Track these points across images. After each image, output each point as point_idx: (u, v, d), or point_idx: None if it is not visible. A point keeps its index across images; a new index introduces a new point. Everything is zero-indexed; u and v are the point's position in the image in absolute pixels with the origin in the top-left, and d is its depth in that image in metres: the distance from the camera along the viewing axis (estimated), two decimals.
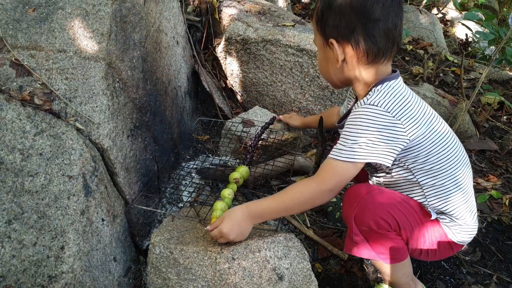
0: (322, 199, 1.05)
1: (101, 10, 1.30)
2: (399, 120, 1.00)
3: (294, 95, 2.14)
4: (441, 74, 3.02)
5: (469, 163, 1.20)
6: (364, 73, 1.07)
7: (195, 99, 2.22)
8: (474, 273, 1.46)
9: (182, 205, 1.57)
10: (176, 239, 1.22)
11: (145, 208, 1.39)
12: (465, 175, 1.16)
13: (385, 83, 1.05)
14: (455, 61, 3.22)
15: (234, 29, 2.10)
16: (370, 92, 1.06)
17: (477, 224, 1.21)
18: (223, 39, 2.16)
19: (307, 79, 2.07)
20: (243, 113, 2.06)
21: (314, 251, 1.51)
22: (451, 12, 4.95)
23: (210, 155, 1.96)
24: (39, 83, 1.19)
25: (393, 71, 1.11)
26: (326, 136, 1.54)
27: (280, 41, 2.00)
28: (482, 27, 4.60)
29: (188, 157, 1.96)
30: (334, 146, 1.07)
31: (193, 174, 1.70)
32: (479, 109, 2.59)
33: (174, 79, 1.84)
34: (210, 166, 1.72)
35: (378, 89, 1.05)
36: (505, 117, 2.61)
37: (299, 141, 1.94)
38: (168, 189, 1.62)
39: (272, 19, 2.24)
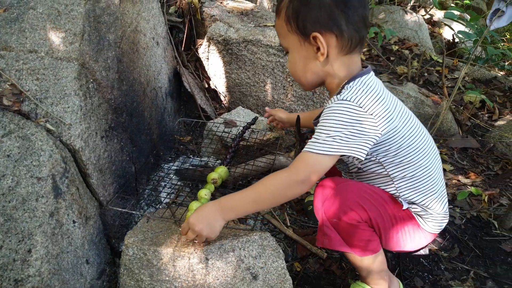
0: (294, 191, 1.04)
1: (74, 10, 1.29)
2: (371, 114, 1.01)
3: (277, 95, 2.14)
4: (425, 74, 3.03)
5: (439, 154, 1.22)
6: (342, 65, 1.09)
7: (177, 100, 2.21)
8: (452, 269, 1.47)
9: (160, 207, 1.56)
10: (150, 240, 1.21)
11: (121, 209, 1.38)
12: (435, 166, 1.18)
13: (357, 79, 1.07)
14: (440, 60, 3.24)
15: (216, 30, 2.09)
16: (343, 89, 1.07)
17: (448, 213, 1.23)
18: (205, 40, 2.15)
19: (289, 79, 2.07)
20: (226, 113, 2.05)
21: (293, 250, 1.50)
22: (439, 13, 4.98)
23: (191, 156, 1.95)
24: (8, 84, 1.18)
25: (365, 67, 1.13)
26: (304, 135, 1.53)
27: (261, 41, 2.00)
28: (467, 28, 4.65)
29: (169, 158, 1.95)
30: (309, 140, 1.06)
31: (172, 175, 1.69)
32: (461, 108, 2.60)
33: (153, 80, 1.83)
34: (190, 167, 1.71)
35: (350, 86, 1.06)
36: (486, 115, 2.63)
37: (280, 141, 1.93)
38: (147, 190, 1.61)
39: (255, 20, 2.24)
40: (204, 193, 1.39)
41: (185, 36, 2.22)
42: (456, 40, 4.10)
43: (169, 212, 1.36)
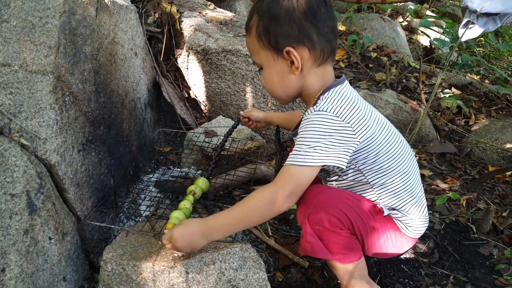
0: (281, 206, 1.04)
1: (49, 23, 1.27)
2: (348, 123, 1.03)
3: (257, 104, 2.14)
4: (404, 80, 3.08)
5: (416, 160, 1.25)
6: (316, 77, 1.11)
7: (157, 110, 2.19)
8: (432, 274, 1.48)
9: (140, 220, 1.54)
10: (129, 254, 1.19)
11: (99, 224, 1.36)
12: (412, 172, 1.20)
13: (331, 90, 1.09)
14: (417, 67, 3.30)
15: (195, 40, 2.09)
16: (319, 100, 1.08)
17: (428, 218, 1.26)
18: (184, 50, 2.15)
19: None
20: (206, 123, 2.05)
21: (275, 260, 1.50)
22: (416, 20, 5.09)
23: (171, 167, 1.93)
24: None
25: (339, 76, 1.15)
26: (284, 144, 1.54)
27: (240, 51, 2.01)
28: (444, 34, 4.77)
29: (149, 169, 1.93)
30: (290, 153, 1.07)
31: (152, 187, 1.67)
32: (439, 113, 2.65)
33: (132, 91, 1.82)
34: (170, 179, 1.70)
35: (325, 97, 1.08)
36: (463, 120, 2.69)
37: (261, 150, 1.93)
38: (126, 203, 1.59)
39: (234, 29, 2.24)
40: (184, 204, 1.37)
41: (164, 46, 2.21)
42: (433, 46, 4.19)
43: (148, 225, 1.35)
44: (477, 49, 4.87)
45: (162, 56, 2.21)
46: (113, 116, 1.58)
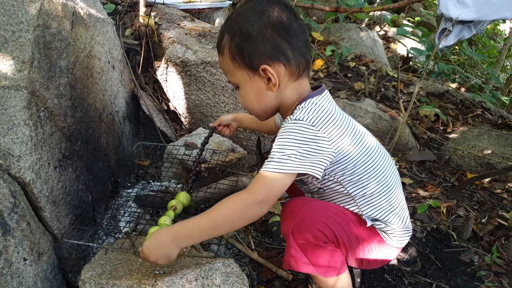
0: (253, 212, 1.02)
1: (22, 37, 1.24)
2: (324, 133, 1.03)
3: (229, 134, 2.13)
4: (382, 89, 3.13)
5: (396, 169, 1.25)
6: (292, 90, 1.11)
7: (136, 123, 2.16)
8: (415, 283, 1.49)
9: (119, 236, 1.50)
10: (108, 273, 1.16)
11: (77, 242, 1.32)
12: (393, 182, 1.21)
13: (308, 100, 1.08)
14: (395, 75, 3.36)
15: (173, 52, 2.07)
16: (296, 110, 1.08)
17: (411, 226, 1.26)
18: (163, 62, 2.13)
19: None
20: (186, 135, 2.03)
21: (259, 274, 1.48)
22: (393, 29, 5.19)
23: (151, 180, 1.90)
24: None
25: (318, 87, 1.15)
26: (266, 155, 1.53)
27: None
28: (420, 43, 4.89)
29: (129, 184, 1.90)
30: (266, 160, 1.06)
31: (131, 202, 1.64)
32: (417, 122, 2.69)
33: (110, 104, 1.79)
34: (149, 193, 1.67)
35: (302, 106, 1.07)
36: (441, 128, 2.73)
37: (243, 161, 1.92)
38: (105, 219, 1.55)
39: (213, 41, 2.24)
40: (164, 219, 1.35)
41: (142, 58, 2.19)
42: (410, 55, 4.28)
43: (128, 242, 1.31)
44: (452, 57, 4.99)
45: (140, 69, 2.19)
46: (90, 131, 1.54)
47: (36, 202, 1.18)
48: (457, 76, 4.03)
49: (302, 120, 1.02)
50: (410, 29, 4.10)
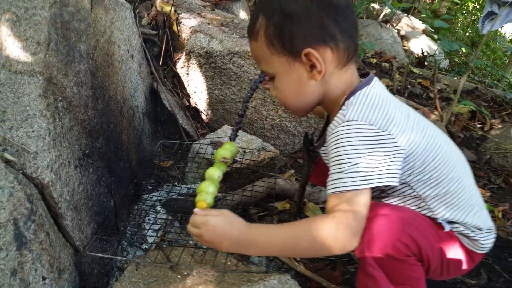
0: (345, 247, 0.84)
1: (36, 15, 1.05)
2: (386, 130, 0.86)
3: (266, 112, 1.95)
4: (409, 86, 2.95)
5: (466, 161, 1.07)
6: (339, 80, 0.94)
7: (154, 121, 1.97)
8: None
9: (146, 247, 1.31)
10: None
11: (101, 255, 1.12)
12: (466, 177, 1.03)
13: (358, 93, 0.91)
14: (420, 73, 3.18)
15: (196, 42, 1.89)
16: (344, 107, 0.91)
17: (493, 225, 1.07)
18: (184, 54, 1.94)
19: None
20: (211, 133, 1.84)
21: None
22: (406, 27, 5.03)
23: (176, 183, 1.71)
24: None
25: (365, 74, 0.98)
26: (314, 155, 1.34)
27: (249, 52, 1.81)
28: (435, 42, 4.74)
29: (149, 187, 1.70)
30: (328, 180, 0.89)
31: (158, 208, 1.44)
32: (453, 119, 2.51)
33: (130, 98, 1.60)
34: (178, 197, 1.48)
35: (351, 102, 0.90)
36: (478, 125, 2.56)
37: (277, 161, 1.73)
38: (129, 228, 1.35)
39: (237, 31, 2.06)
40: (216, 173, 1.03)
41: (163, 49, 2.00)
42: (425, 53, 4.13)
43: (161, 255, 1.12)
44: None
45: (161, 60, 2.00)
46: (111, 126, 1.35)
47: (55, 208, 0.98)
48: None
49: (357, 121, 0.86)
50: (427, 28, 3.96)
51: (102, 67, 1.32)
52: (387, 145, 0.86)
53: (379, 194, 1.04)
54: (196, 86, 2.01)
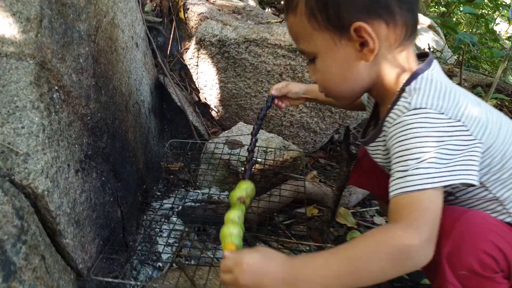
0: (418, 258, 0.66)
1: None
2: (459, 120, 0.72)
3: (285, 107, 1.75)
4: None
5: None
6: (395, 61, 0.78)
7: (160, 118, 1.77)
8: None
9: (160, 265, 1.10)
10: None
11: (109, 280, 0.91)
12: None
13: (420, 77, 0.76)
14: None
15: (207, 29, 1.69)
16: (405, 94, 0.75)
17: None
18: (193, 43, 1.74)
19: None
20: (225, 131, 1.64)
21: None
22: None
23: (189, 188, 1.51)
24: None
25: (423, 55, 0.82)
26: (354, 154, 1.14)
27: (268, 40, 1.62)
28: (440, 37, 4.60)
29: (158, 193, 1.50)
30: (391, 180, 0.72)
31: (173, 218, 1.24)
32: None
33: (135, 91, 1.40)
34: (195, 204, 1.28)
35: (414, 88, 0.75)
36: None
37: (300, 162, 1.54)
38: (139, 242, 1.15)
39: (251, 18, 1.86)
40: (235, 215, 0.90)
41: (171, 38, 1.79)
42: (431, 49, 3.99)
43: (183, 277, 0.92)
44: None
45: (168, 51, 1.79)
46: (117, 123, 1.15)
47: (52, 223, 0.78)
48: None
49: (426, 108, 0.71)
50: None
51: (106, 53, 1.12)
52: (461, 138, 0.70)
53: (446, 196, 0.86)
54: (207, 80, 1.81)
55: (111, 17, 1.20)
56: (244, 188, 0.99)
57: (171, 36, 1.81)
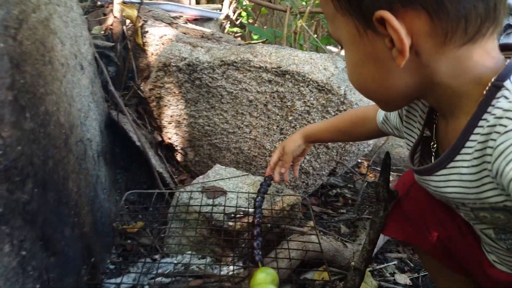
0: None
1: None
2: None
3: (270, 144, 1.43)
4: None
5: None
6: (458, 64, 0.52)
7: (112, 165, 1.37)
8: None
9: None
10: None
11: None
12: None
13: None
14: None
15: (174, 51, 1.36)
16: (507, 93, 0.50)
17: None
18: (155, 70, 1.40)
19: (291, 117, 1.38)
20: (200, 177, 1.28)
21: None
22: None
23: (157, 257, 1.10)
24: None
25: (506, 47, 0.57)
26: (393, 193, 0.83)
27: (251, 61, 1.31)
28: None
29: (112, 267, 1.08)
30: None
31: None
32: None
33: (79, 125, 1.02)
34: (170, 280, 0.88)
35: None
36: None
37: (298, 209, 1.20)
38: None
39: (224, 44, 1.56)
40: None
41: (126, 67, 1.44)
42: None
43: None
44: None
45: (123, 82, 1.43)
46: (51, 164, 0.76)
47: None
48: None
49: None
50: None
51: (34, 61, 0.75)
52: None
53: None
54: (172, 115, 1.46)
55: (43, 16, 0.84)
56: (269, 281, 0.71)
57: (126, 64, 1.46)
